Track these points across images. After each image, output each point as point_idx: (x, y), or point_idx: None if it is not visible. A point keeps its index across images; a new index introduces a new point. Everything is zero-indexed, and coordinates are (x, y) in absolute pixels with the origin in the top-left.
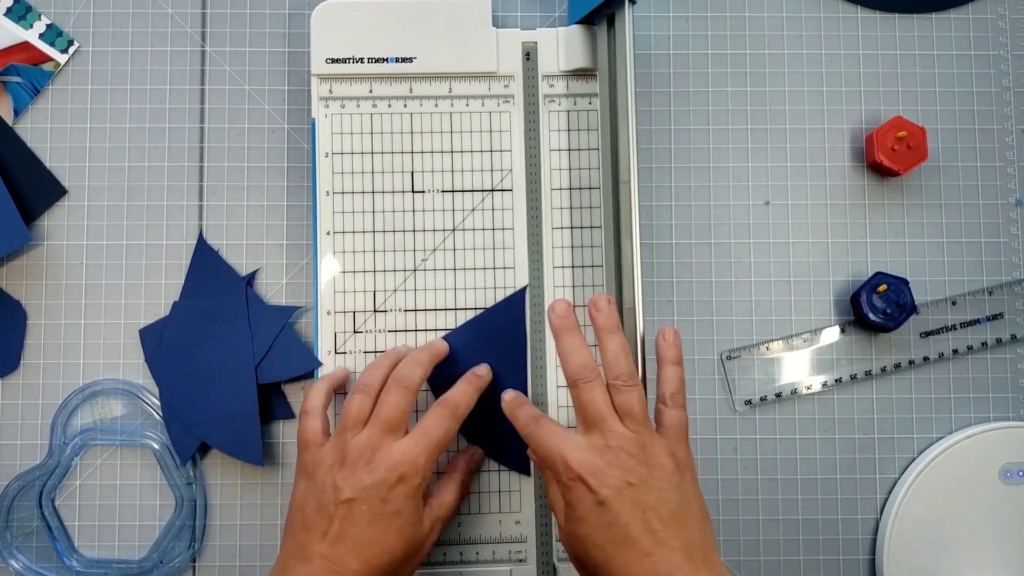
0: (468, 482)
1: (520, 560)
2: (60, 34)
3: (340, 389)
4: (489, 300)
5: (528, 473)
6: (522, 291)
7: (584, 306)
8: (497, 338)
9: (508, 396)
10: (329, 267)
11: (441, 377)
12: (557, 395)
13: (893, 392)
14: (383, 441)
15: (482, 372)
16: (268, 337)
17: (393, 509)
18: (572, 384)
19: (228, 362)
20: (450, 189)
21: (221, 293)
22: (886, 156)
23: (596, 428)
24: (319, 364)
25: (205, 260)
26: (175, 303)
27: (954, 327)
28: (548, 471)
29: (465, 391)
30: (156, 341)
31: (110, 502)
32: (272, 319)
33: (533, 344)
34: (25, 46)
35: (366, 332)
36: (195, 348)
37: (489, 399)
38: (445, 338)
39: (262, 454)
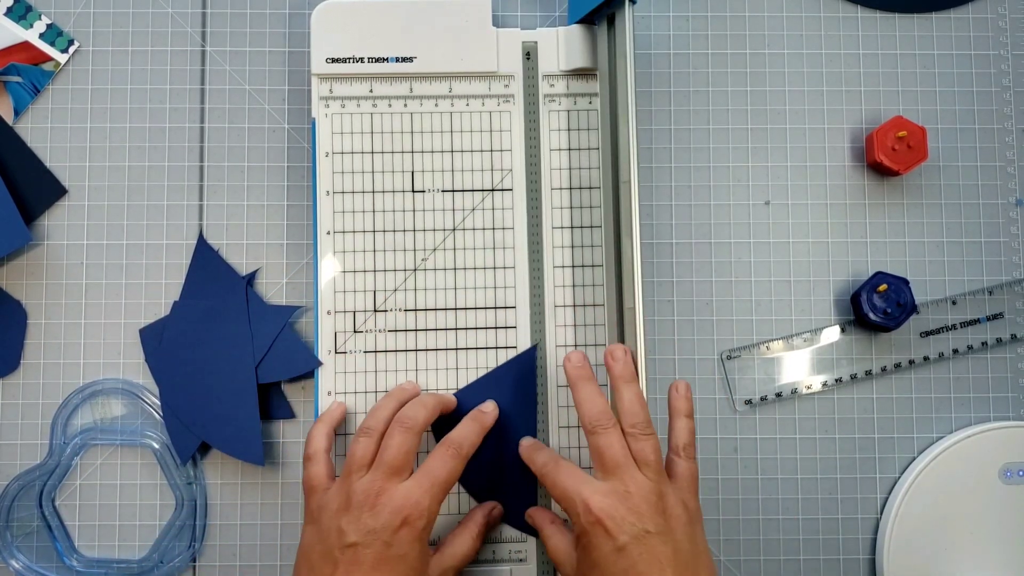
0: (484, 534)
1: (520, 560)
2: (60, 34)
3: (339, 427)
4: (489, 300)
5: (535, 535)
6: (532, 350)
7: (583, 306)
8: (507, 399)
9: (526, 442)
10: (329, 267)
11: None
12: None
13: (893, 392)
14: (387, 484)
15: (488, 409)
16: (268, 337)
17: (398, 553)
18: (590, 431)
19: (228, 362)
20: (450, 189)
21: (221, 293)
22: (886, 156)
23: (615, 474)
24: (319, 364)
25: (205, 260)
26: (175, 303)
27: (954, 327)
28: (550, 527)
29: (470, 429)
30: (156, 341)
31: (110, 502)
32: (272, 319)
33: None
34: (25, 46)
35: (366, 332)
36: (195, 348)
37: (495, 459)
38: (455, 395)
39: (262, 454)
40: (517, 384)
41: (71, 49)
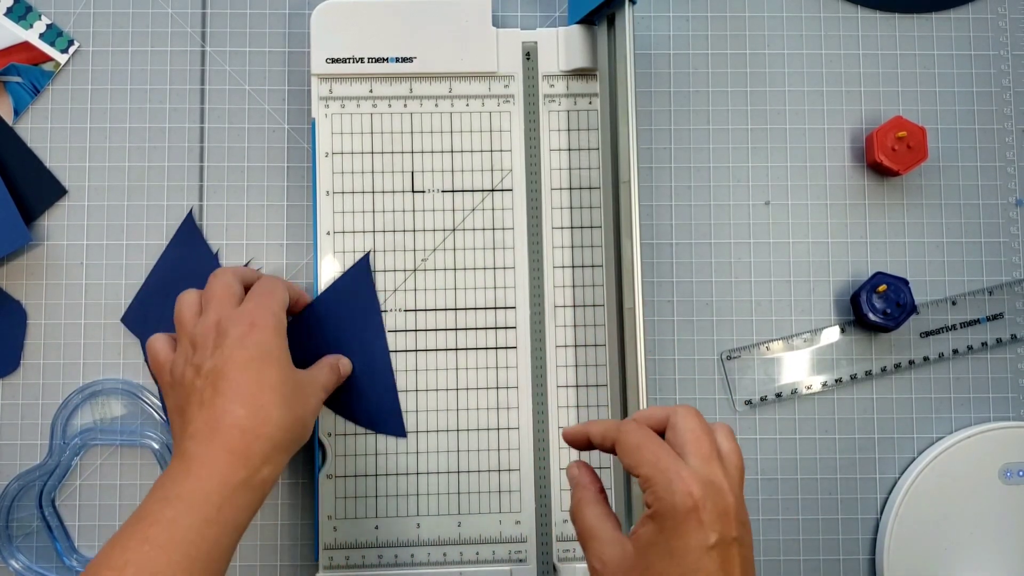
0: (338, 372)
1: (520, 560)
2: (60, 34)
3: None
4: (489, 300)
5: (403, 435)
6: (365, 258)
7: (583, 306)
8: (347, 312)
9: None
10: (329, 267)
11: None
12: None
13: (893, 392)
14: (222, 312)
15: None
16: None
17: (259, 352)
18: (677, 414)
19: None
20: (450, 189)
21: (201, 273)
22: (886, 156)
23: (707, 465)
24: None
25: (187, 237)
26: (149, 273)
27: (954, 327)
28: (595, 494)
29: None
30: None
31: (110, 502)
32: None
33: (533, 346)
34: (25, 46)
35: None
36: None
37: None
38: (297, 317)
39: None
40: (356, 292)
41: (71, 49)
